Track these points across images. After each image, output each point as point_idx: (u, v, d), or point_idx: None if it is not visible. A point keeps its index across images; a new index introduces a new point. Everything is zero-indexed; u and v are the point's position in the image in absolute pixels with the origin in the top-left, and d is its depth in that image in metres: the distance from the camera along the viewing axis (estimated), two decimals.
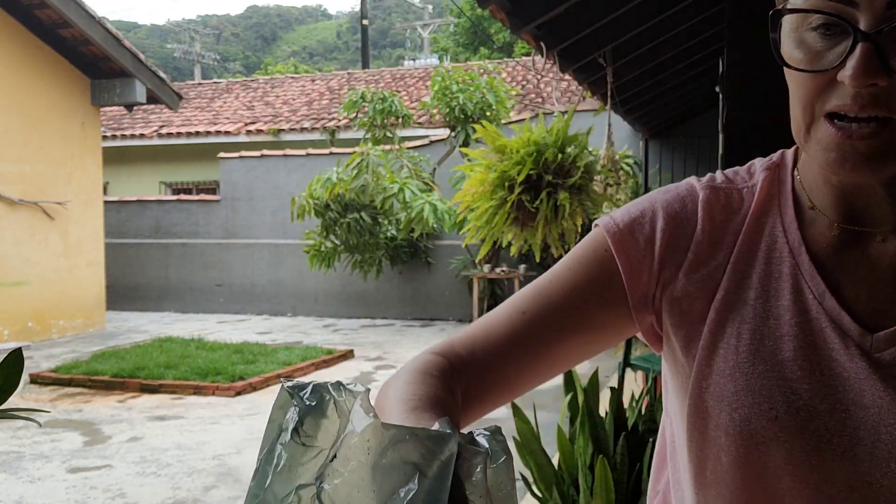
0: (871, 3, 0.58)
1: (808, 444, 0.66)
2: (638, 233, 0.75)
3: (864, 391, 0.65)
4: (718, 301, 0.72)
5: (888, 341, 0.65)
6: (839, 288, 0.68)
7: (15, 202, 9.57)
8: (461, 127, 10.53)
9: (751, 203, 0.74)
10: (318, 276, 11.64)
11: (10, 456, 5.15)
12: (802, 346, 0.68)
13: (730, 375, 0.69)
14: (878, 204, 0.67)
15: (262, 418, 6.08)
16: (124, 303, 12.81)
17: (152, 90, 10.70)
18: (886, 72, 0.58)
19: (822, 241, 0.70)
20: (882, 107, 0.59)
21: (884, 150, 0.60)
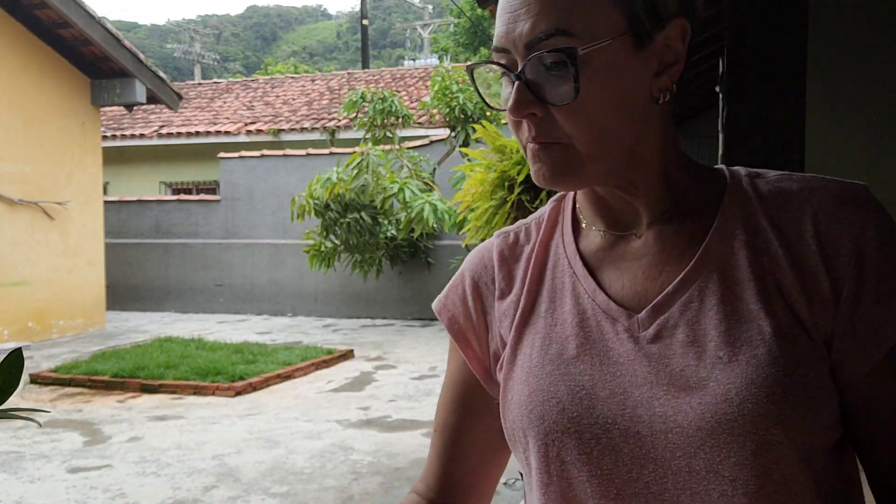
0: (517, 49, 0.68)
1: (594, 429, 0.71)
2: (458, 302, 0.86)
3: (636, 371, 0.71)
4: (516, 321, 0.81)
5: (649, 318, 0.73)
6: (608, 284, 0.77)
7: (15, 202, 9.57)
8: (461, 127, 10.53)
9: (539, 232, 0.84)
10: (318, 276, 11.63)
11: (10, 456, 5.15)
12: (583, 342, 0.75)
13: (524, 381, 0.77)
14: (629, 210, 0.77)
15: (262, 418, 6.09)
16: (124, 303, 12.81)
17: (152, 90, 10.70)
18: (539, 103, 0.68)
19: (594, 249, 0.79)
20: (548, 135, 0.69)
21: (563, 167, 0.70)
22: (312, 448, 5.28)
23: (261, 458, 5.06)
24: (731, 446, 0.66)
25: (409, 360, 8.52)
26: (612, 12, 0.67)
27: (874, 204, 0.71)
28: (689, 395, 0.68)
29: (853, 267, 0.68)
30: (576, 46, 0.65)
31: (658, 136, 0.74)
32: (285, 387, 7.24)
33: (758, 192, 0.74)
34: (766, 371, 0.66)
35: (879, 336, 0.68)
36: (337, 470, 4.83)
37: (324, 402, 6.66)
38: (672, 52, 0.71)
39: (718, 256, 0.72)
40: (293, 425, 5.87)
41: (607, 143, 0.70)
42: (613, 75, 0.68)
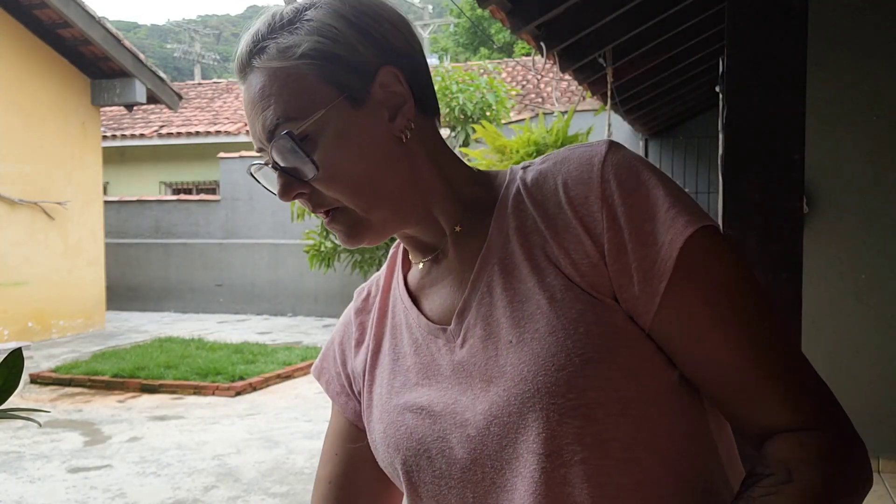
0: (263, 143, 0.75)
1: (438, 444, 0.75)
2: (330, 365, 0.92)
3: (459, 379, 0.75)
4: (368, 363, 0.86)
5: (457, 326, 0.77)
6: (429, 308, 0.82)
7: (15, 202, 9.57)
8: (461, 127, 10.53)
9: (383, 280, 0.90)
10: (318, 276, 11.63)
11: (10, 456, 5.15)
12: (420, 367, 0.80)
13: (379, 419, 0.82)
14: (427, 237, 0.82)
15: (262, 418, 6.09)
16: (124, 303, 12.81)
17: (152, 90, 10.70)
18: (301, 182, 0.75)
19: (417, 279, 0.85)
20: (323, 204, 0.76)
21: (352, 228, 0.77)
22: (312, 448, 5.28)
23: (261, 458, 5.06)
24: (538, 422, 0.68)
25: None
26: (320, 87, 0.73)
27: (612, 156, 0.72)
28: (496, 385, 0.72)
29: (606, 221, 0.70)
30: (290, 129, 0.72)
31: (429, 164, 0.79)
32: (285, 387, 7.24)
33: (524, 181, 0.78)
34: (548, 340, 0.69)
35: (654, 272, 0.68)
36: None
37: (324, 402, 6.66)
38: (395, 95, 0.76)
39: (497, 250, 0.76)
40: (293, 425, 5.87)
41: (372, 194, 0.75)
42: (343, 138, 0.74)
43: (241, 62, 0.77)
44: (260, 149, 0.77)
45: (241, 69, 0.77)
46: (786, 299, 1.67)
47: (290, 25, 0.75)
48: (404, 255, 0.89)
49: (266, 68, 0.74)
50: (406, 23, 0.80)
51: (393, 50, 0.77)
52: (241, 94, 0.78)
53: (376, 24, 0.76)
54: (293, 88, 0.73)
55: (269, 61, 0.74)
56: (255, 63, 0.75)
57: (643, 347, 0.70)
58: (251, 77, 0.75)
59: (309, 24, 0.75)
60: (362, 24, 0.75)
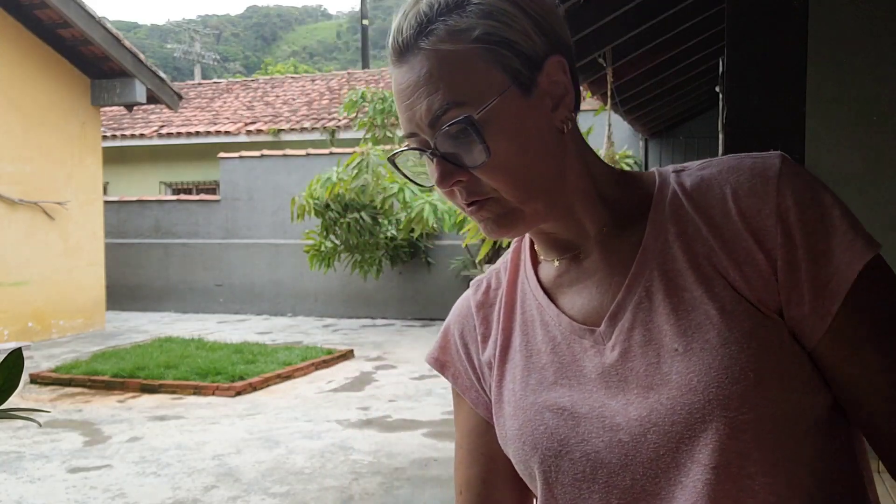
0: (422, 129, 0.74)
1: (582, 447, 0.75)
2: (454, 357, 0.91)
3: (608, 382, 0.75)
4: (497, 359, 0.85)
5: (608, 329, 0.76)
6: (570, 307, 0.81)
7: (15, 202, 9.57)
8: None
9: (506, 274, 0.89)
10: (318, 276, 11.63)
11: (10, 456, 5.15)
12: (559, 367, 0.79)
13: (513, 416, 0.81)
14: (568, 235, 0.81)
15: (262, 418, 6.09)
16: (124, 303, 12.81)
17: (152, 90, 10.70)
18: (461, 170, 0.73)
19: (552, 277, 0.84)
20: (477, 194, 0.75)
21: (503, 218, 0.76)
22: (312, 448, 5.28)
23: (261, 458, 5.06)
24: (707, 434, 0.68)
25: (409, 360, 8.52)
26: (492, 72, 0.72)
27: (788, 170, 0.72)
28: (657, 392, 0.71)
29: (781, 236, 0.69)
30: (471, 113, 0.71)
31: (578, 161, 0.78)
32: (285, 387, 7.24)
33: (682, 185, 0.77)
34: (721, 352, 0.68)
35: (828, 293, 0.68)
36: (337, 470, 4.83)
37: (324, 402, 6.66)
38: (559, 86, 0.76)
39: (656, 254, 0.75)
40: (293, 425, 5.87)
41: (531, 185, 0.75)
42: (513, 125, 0.73)
43: (403, 43, 0.74)
44: (411, 134, 0.76)
45: (402, 51, 0.74)
46: None
47: (458, 8, 0.73)
48: (531, 250, 0.87)
49: (435, 51, 0.72)
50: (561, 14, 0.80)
51: (559, 39, 0.77)
52: (395, 76, 0.76)
53: (544, 12, 0.76)
54: (464, 73, 0.72)
55: (440, 43, 0.72)
56: (423, 45, 0.73)
57: (806, 366, 0.70)
58: (414, 59, 0.73)
59: (480, 7, 0.73)
60: (532, 11, 0.75)
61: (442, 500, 4.32)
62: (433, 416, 6.14)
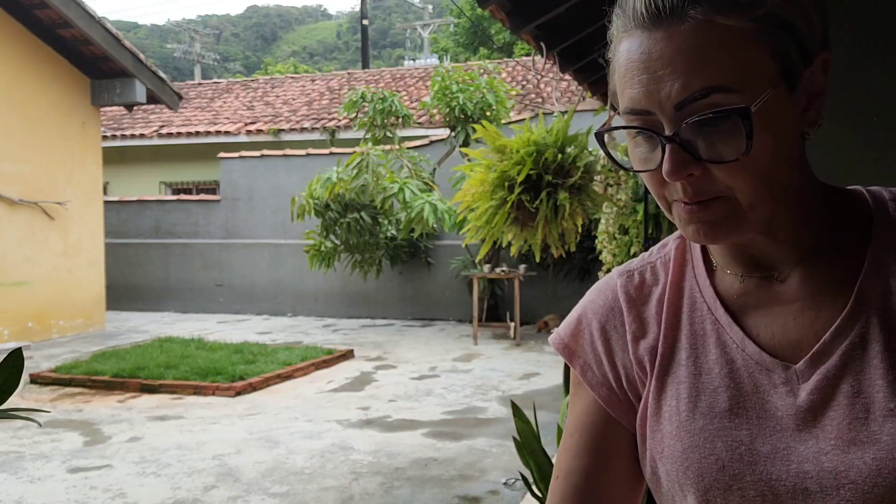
0: (664, 110, 0.64)
1: (758, 486, 0.69)
2: (587, 347, 0.83)
3: (799, 425, 0.68)
4: (657, 368, 0.77)
5: (808, 369, 0.69)
6: (756, 332, 0.73)
7: (15, 202, 9.57)
8: (461, 127, 10.54)
9: (667, 273, 0.80)
10: (318, 276, 11.64)
11: (10, 456, 5.15)
12: (735, 394, 0.72)
13: (676, 436, 0.74)
14: (767, 251, 0.73)
15: (262, 418, 6.09)
16: (124, 303, 12.81)
17: (152, 90, 10.71)
18: (697, 162, 0.64)
19: (734, 293, 0.75)
20: (706, 192, 0.66)
21: (726, 222, 0.67)
22: (312, 448, 5.28)
23: (261, 458, 5.06)
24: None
25: (409, 360, 8.52)
26: (765, 59, 0.64)
27: None
28: (861, 449, 0.65)
29: None
30: (747, 105, 0.62)
31: (800, 172, 0.71)
32: (285, 387, 7.24)
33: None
34: None
35: None
36: (337, 470, 4.83)
37: (324, 402, 6.66)
38: (816, 85, 0.68)
39: (875, 297, 0.68)
40: (293, 425, 5.87)
41: (768, 191, 0.67)
42: (773, 123, 0.64)
43: (664, 5, 0.64)
44: (642, 112, 0.66)
45: (661, 14, 0.64)
46: None
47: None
48: (704, 255, 0.79)
49: (709, 22, 0.62)
50: None
51: (827, 35, 0.69)
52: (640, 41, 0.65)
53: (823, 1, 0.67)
54: (738, 55, 0.62)
55: (717, 14, 0.62)
56: (692, 13, 0.63)
57: None
58: (677, 27, 0.63)
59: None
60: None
61: (442, 500, 4.32)
62: (433, 416, 6.14)
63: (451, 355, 8.84)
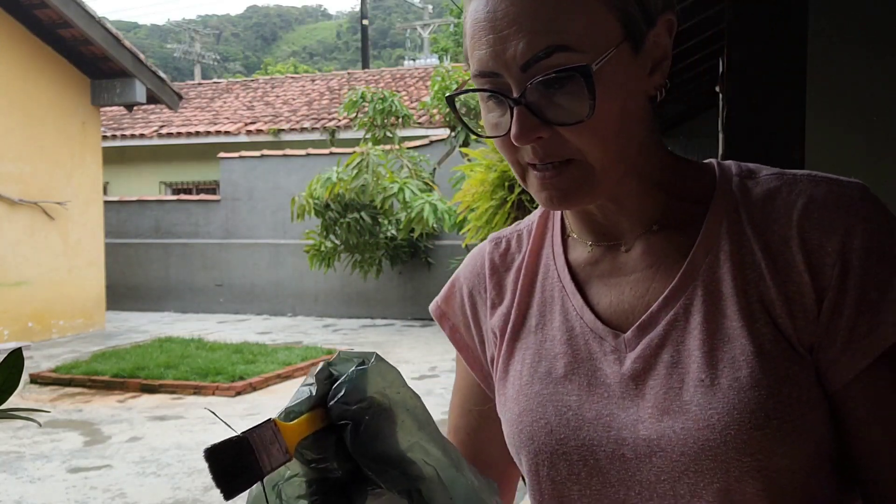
0: (510, 71, 0.63)
1: (581, 451, 0.70)
2: (457, 311, 0.85)
3: (623, 393, 0.70)
4: (507, 335, 0.79)
5: (635, 338, 0.70)
6: (597, 301, 0.74)
7: (15, 202, 9.57)
8: (461, 127, 10.53)
9: (529, 240, 0.81)
10: (318, 276, 11.63)
11: (10, 456, 5.15)
12: (571, 360, 0.73)
13: (515, 400, 0.76)
14: (615, 220, 0.74)
15: (263, 418, 6.08)
16: (124, 303, 12.80)
17: (152, 90, 10.70)
18: (546, 124, 0.64)
19: (582, 261, 0.77)
20: (557, 153, 0.66)
21: (577, 185, 0.67)
22: None
23: None
24: (714, 472, 0.64)
25: (409, 360, 8.52)
26: (608, 19, 0.63)
27: (864, 207, 0.66)
28: (672, 419, 0.66)
29: (837, 278, 0.64)
30: (588, 63, 0.62)
31: (650, 139, 0.71)
32: (285, 387, 7.24)
33: (746, 195, 0.70)
34: (749, 395, 0.64)
35: (862, 346, 0.64)
36: None
37: None
38: (661, 48, 0.68)
39: (703, 270, 0.69)
40: None
41: (619, 152, 0.67)
42: (619, 84, 0.64)
43: None
44: (490, 73, 0.65)
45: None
46: None
47: None
48: (562, 223, 0.80)
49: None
50: None
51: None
52: (484, 2, 0.65)
53: None
54: (580, 15, 0.62)
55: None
56: None
57: (824, 411, 0.66)
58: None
59: None
60: None
61: None
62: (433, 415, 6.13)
63: (450, 355, 8.84)
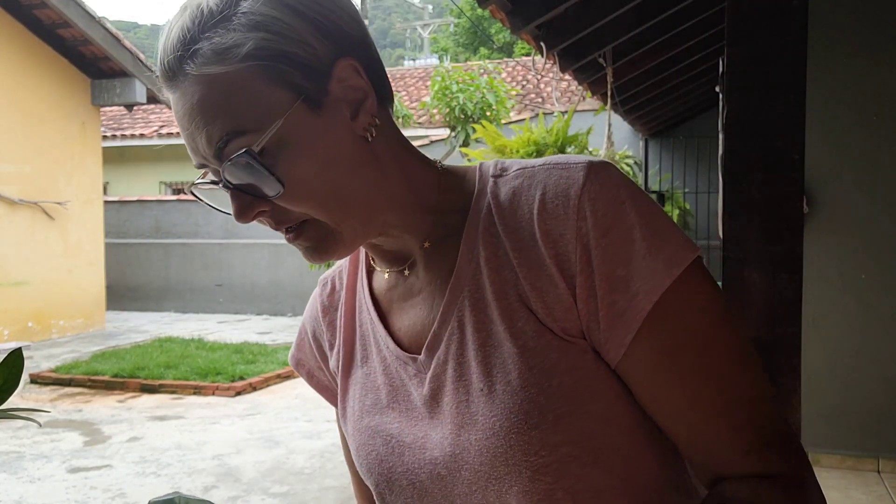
0: (208, 161, 0.66)
1: (408, 476, 0.72)
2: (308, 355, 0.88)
3: (430, 413, 0.72)
4: (341, 371, 0.81)
5: (427, 358, 0.72)
6: (398, 327, 0.76)
7: (15, 202, 9.57)
8: (461, 127, 10.53)
9: (346, 275, 0.84)
10: (318, 277, 11.62)
11: (10, 456, 5.15)
12: (390, 389, 0.75)
13: (352, 434, 0.79)
14: (396, 247, 0.75)
15: (262, 418, 6.09)
16: (124, 303, 12.80)
17: (152, 90, 10.70)
18: (261, 200, 0.66)
19: (383, 290, 0.79)
20: (287, 220, 0.68)
21: (320, 240, 0.69)
22: (312, 448, 5.28)
23: (261, 458, 5.06)
24: (510, 476, 0.66)
25: None
26: (272, 92, 0.64)
27: (591, 187, 0.65)
28: (467, 431, 0.68)
29: (579, 262, 0.65)
30: (251, 145, 0.63)
31: (394, 167, 0.71)
32: (285, 387, 7.24)
33: (497, 197, 0.71)
34: (521, 396, 0.65)
35: (624, 321, 0.64)
36: (337, 470, 4.83)
37: (324, 402, 6.63)
38: (355, 90, 0.68)
39: (468, 280, 0.70)
40: (293, 425, 5.88)
41: (343, 204, 0.68)
42: (308, 146, 0.65)
43: (168, 68, 0.65)
44: (202, 165, 0.67)
45: (170, 76, 0.65)
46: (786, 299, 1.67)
47: (223, 20, 0.64)
48: (367, 256, 0.82)
49: (203, 75, 0.63)
50: (352, 4, 0.70)
51: (347, 39, 0.68)
52: (172, 102, 0.66)
53: (325, 11, 0.67)
54: (241, 97, 0.63)
55: (206, 66, 0.63)
56: (189, 69, 0.64)
57: (612, 387, 0.67)
58: (184, 85, 0.64)
59: (248, 17, 0.64)
60: (310, 13, 0.66)
61: None
62: None
63: None
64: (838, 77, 4.03)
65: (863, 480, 3.90)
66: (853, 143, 4.09)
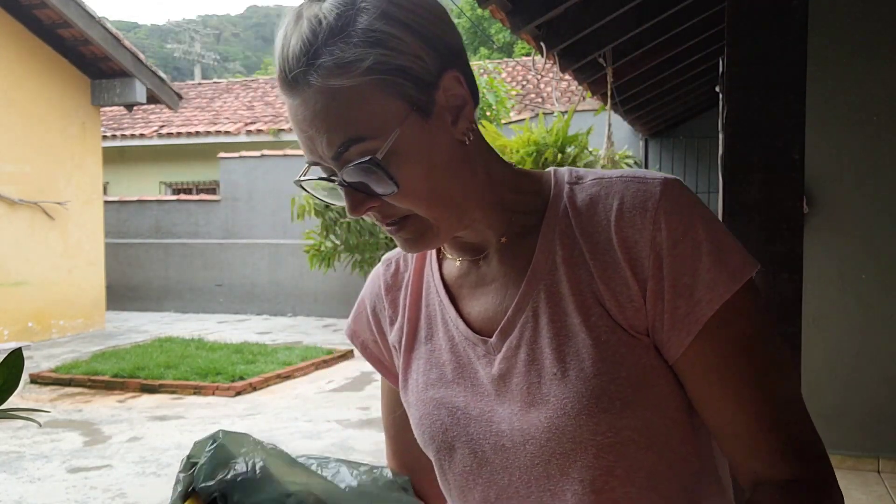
0: (325, 161, 0.73)
1: (471, 445, 0.81)
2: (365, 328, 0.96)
3: (497, 391, 0.80)
4: (403, 346, 0.89)
5: (499, 342, 0.80)
6: (468, 311, 0.84)
7: (15, 202, 9.56)
8: None
9: (413, 260, 0.92)
10: (318, 276, 11.63)
11: (10, 456, 5.15)
12: (456, 366, 0.83)
13: (415, 405, 0.86)
14: (474, 239, 0.83)
15: (263, 418, 6.08)
16: (124, 303, 12.80)
17: (152, 90, 10.70)
18: (372, 197, 0.74)
19: (454, 276, 0.87)
20: (392, 214, 0.76)
21: (420, 234, 0.77)
22: (312, 448, 5.28)
23: None
24: (575, 452, 0.74)
25: None
26: (389, 103, 0.71)
27: (667, 200, 0.74)
28: (537, 410, 0.76)
29: (652, 268, 0.73)
30: (374, 152, 0.70)
31: (482, 168, 0.79)
32: (285, 387, 7.24)
33: (574, 202, 0.79)
34: (593, 383, 0.73)
35: (685, 325, 0.73)
36: None
37: (324, 402, 6.66)
38: (457, 98, 0.75)
39: (544, 275, 0.78)
40: (293, 425, 5.87)
41: (444, 202, 0.76)
42: (418, 151, 0.73)
43: (292, 77, 0.71)
44: (315, 163, 0.75)
45: (292, 85, 0.72)
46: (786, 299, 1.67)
47: (342, 35, 0.70)
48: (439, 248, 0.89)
49: (327, 87, 0.70)
50: (448, 14, 0.77)
51: (450, 51, 0.75)
52: (289, 105, 0.73)
53: (432, 25, 0.74)
54: (361, 107, 0.70)
55: (330, 79, 0.70)
56: (313, 80, 0.70)
57: (668, 381, 0.75)
58: (306, 94, 0.71)
59: (367, 33, 0.70)
60: (420, 28, 0.73)
61: None
62: None
63: None
64: (838, 77, 4.03)
65: (863, 480, 3.90)
66: (853, 143, 4.08)
